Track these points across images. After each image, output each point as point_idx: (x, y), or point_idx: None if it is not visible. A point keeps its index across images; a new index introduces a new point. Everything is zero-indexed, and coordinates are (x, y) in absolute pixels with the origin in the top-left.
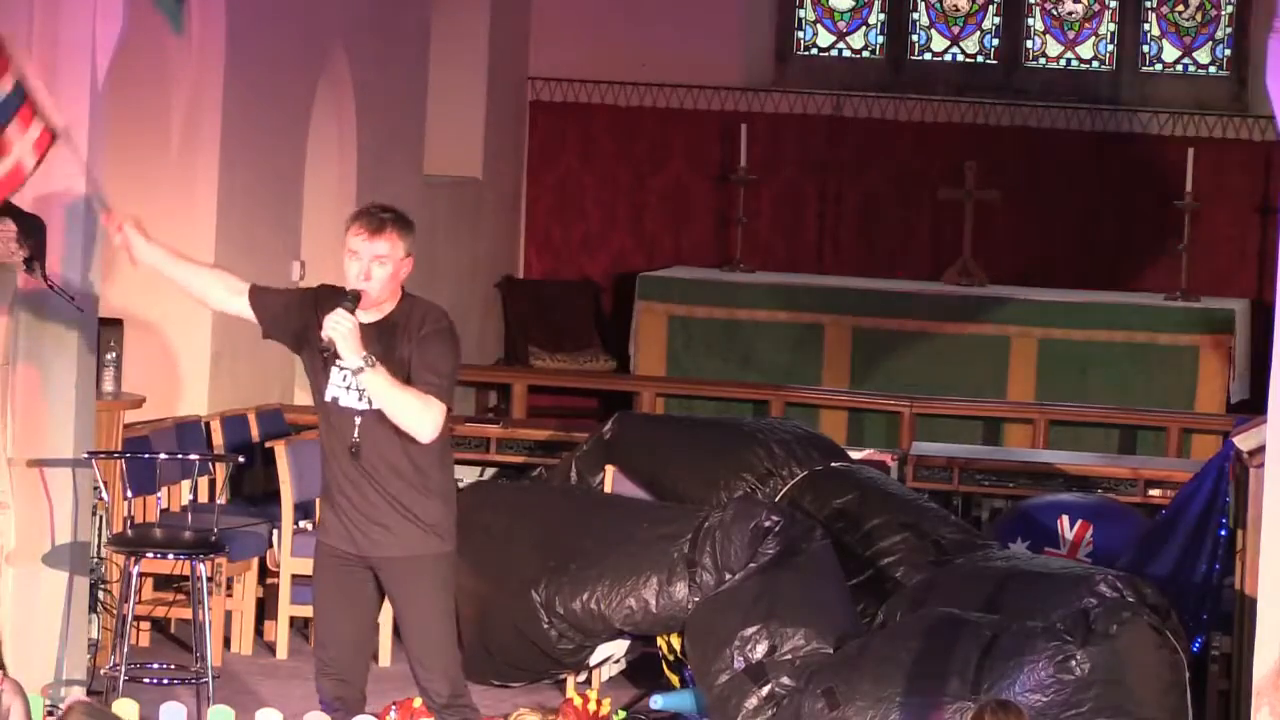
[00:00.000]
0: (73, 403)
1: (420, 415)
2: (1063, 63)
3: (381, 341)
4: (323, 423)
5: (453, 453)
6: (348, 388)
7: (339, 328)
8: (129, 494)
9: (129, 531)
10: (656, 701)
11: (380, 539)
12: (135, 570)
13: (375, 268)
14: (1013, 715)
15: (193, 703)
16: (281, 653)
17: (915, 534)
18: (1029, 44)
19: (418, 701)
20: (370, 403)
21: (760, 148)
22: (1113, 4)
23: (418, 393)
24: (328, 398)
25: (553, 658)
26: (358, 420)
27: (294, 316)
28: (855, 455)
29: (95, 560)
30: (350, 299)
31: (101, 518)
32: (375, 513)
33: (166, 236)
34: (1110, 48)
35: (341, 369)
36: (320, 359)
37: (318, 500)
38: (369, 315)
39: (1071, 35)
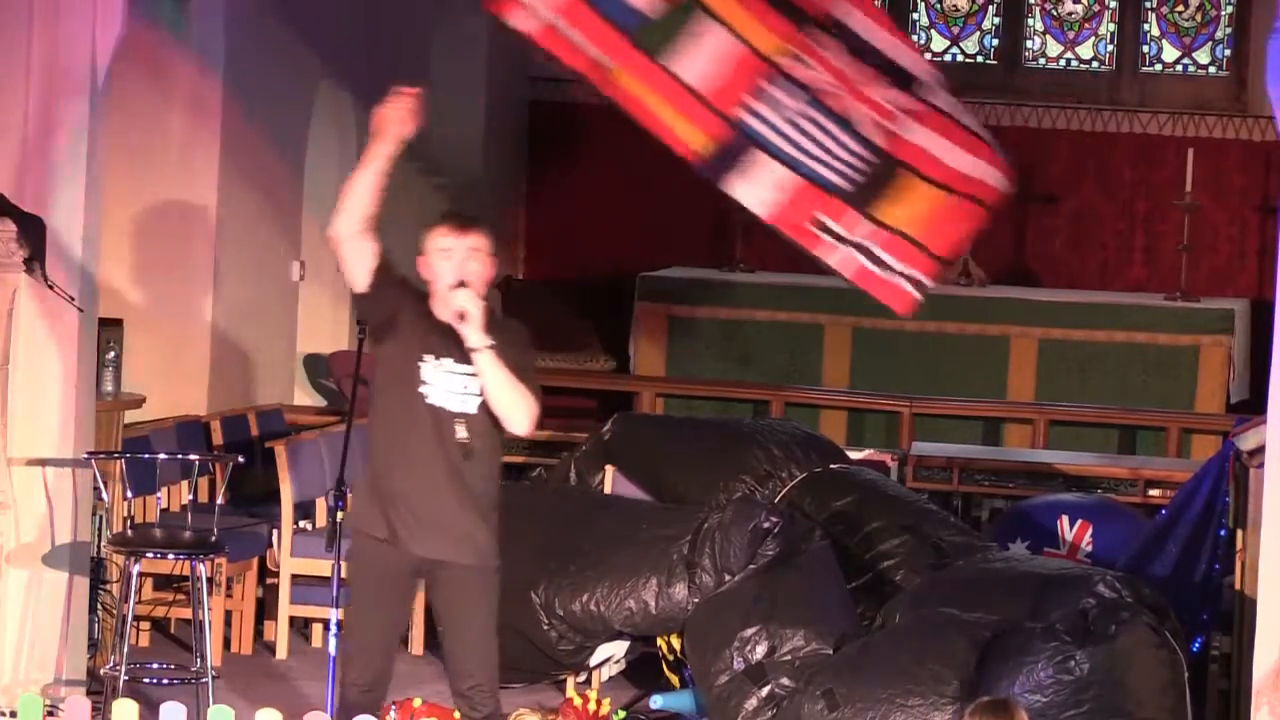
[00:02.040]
0: (73, 403)
1: (523, 403)
2: (1063, 63)
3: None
4: (395, 417)
5: None
6: (436, 385)
7: (473, 302)
8: (129, 494)
9: (129, 531)
10: (656, 701)
11: (447, 544)
12: (135, 570)
13: (471, 262)
14: (1004, 715)
15: (193, 703)
16: (281, 653)
17: (915, 537)
18: (1029, 44)
19: (418, 701)
20: (457, 405)
21: None
22: (1113, 4)
23: (522, 386)
24: (418, 391)
25: (553, 659)
26: (457, 422)
27: (396, 298)
28: (855, 455)
29: (95, 560)
30: (460, 286)
31: (101, 518)
32: (446, 517)
33: (167, 236)
34: (1110, 48)
35: (439, 362)
36: (414, 349)
37: (355, 495)
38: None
39: (1071, 35)
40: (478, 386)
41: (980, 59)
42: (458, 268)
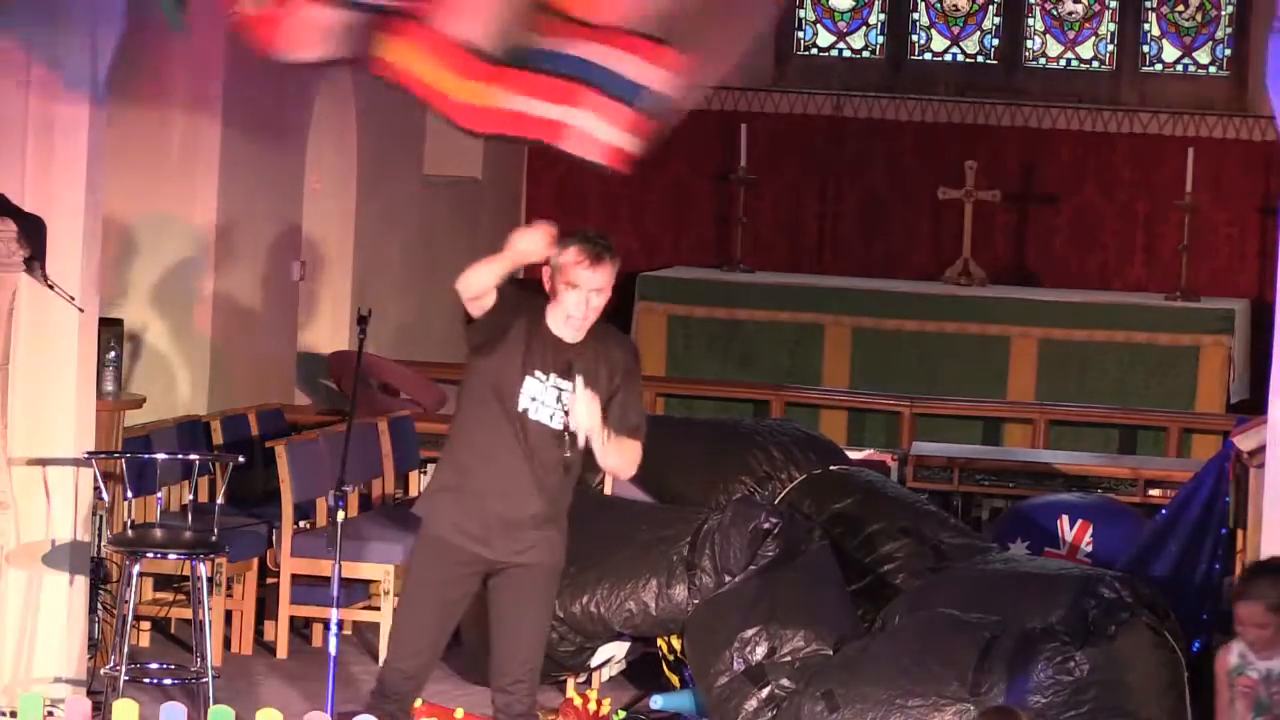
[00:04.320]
0: (73, 403)
1: (633, 461)
2: (1063, 63)
3: (584, 361)
4: (491, 428)
5: None
6: (540, 401)
7: (592, 420)
8: (129, 494)
9: (129, 531)
10: (656, 701)
11: (531, 545)
12: (135, 570)
13: (594, 297)
14: None
15: (193, 703)
16: (281, 653)
17: (915, 539)
18: (1029, 44)
19: (418, 702)
20: (560, 422)
21: (760, 148)
22: (1113, 4)
23: (631, 442)
24: (519, 407)
25: (553, 659)
26: (541, 433)
27: (504, 324)
28: (855, 456)
29: (95, 560)
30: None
31: (101, 518)
32: (530, 524)
33: (167, 236)
34: (1110, 48)
35: (546, 378)
36: (516, 364)
37: (435, 496)
38: (571, 334)
39: (1071, 35)
40: None
41: (980, 59)
42: (582, 302)
